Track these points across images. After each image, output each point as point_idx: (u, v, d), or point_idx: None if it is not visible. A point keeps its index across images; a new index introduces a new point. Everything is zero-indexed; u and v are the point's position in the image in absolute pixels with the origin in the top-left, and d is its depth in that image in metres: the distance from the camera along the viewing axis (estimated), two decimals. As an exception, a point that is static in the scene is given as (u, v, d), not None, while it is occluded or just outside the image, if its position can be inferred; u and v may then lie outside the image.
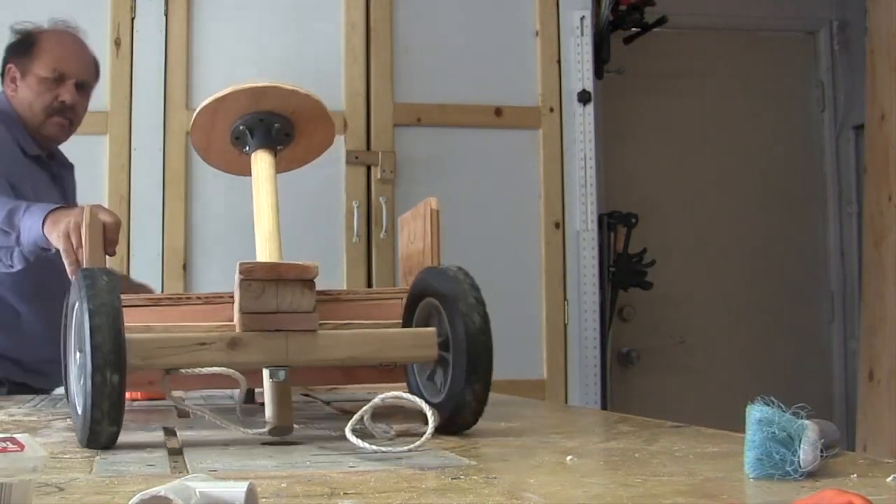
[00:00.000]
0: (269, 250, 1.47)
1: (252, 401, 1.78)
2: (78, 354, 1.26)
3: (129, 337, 1.23)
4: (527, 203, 3.40)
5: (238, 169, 1.62)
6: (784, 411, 0.94)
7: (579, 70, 3.44)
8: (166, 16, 3.20)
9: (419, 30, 3.38)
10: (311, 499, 0.87)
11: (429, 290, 1.43)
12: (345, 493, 0.90)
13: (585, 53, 3.45)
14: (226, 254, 3.07)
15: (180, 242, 3.14)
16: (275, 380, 1.31)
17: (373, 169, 3.29)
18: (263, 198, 1.50)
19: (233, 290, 1.37)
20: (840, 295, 4.25)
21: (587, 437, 1.40)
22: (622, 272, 3.67)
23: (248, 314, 1.30)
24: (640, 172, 4.13)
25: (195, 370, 1.28)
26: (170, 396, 1.37)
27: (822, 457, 0.94)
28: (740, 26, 4.29)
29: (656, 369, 4.10)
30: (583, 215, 3.41)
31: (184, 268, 3.14)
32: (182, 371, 1.29)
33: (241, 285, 1.31)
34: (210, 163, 1.70)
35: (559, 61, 3.43)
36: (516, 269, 3.38)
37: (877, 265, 3.56)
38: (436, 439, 1.29)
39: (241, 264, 1.31)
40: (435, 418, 1.21)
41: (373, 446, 1.15)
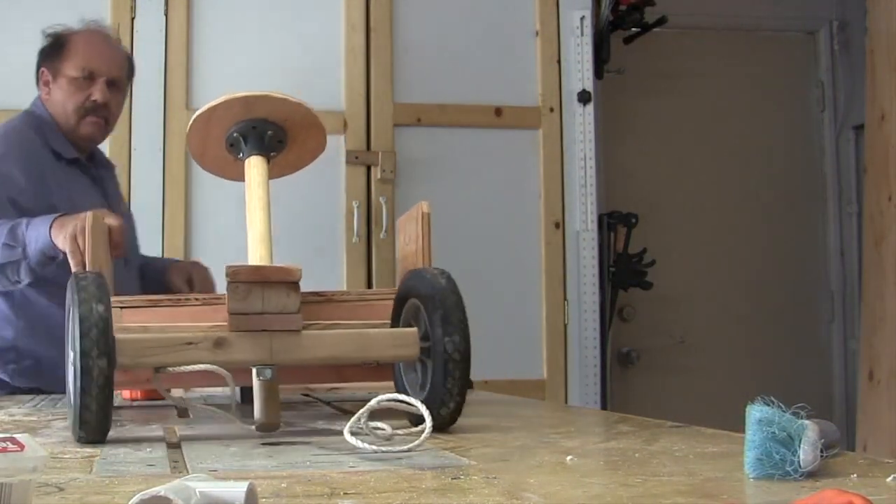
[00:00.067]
0: (260, 253, 1.51)
1: (251, 400, 1.79)
2: (72, 354, 1.30)
3: (119, 337, 1.30)
4: (527, 203, 3.40)
5: (233, 174, 1.65)
6: (784, 411, 0.94)
7: (579, 70, 3.44)
8: (166, 16, 3.20)
9: (419, 30, 3.38)
10: (311, 499, 0.87)
11: (412, 292, 1.47)
12: (345, 493, 0.90)
13: (585, 53, 3.45)
14: (225, 254, 3.05)
15: (180, 242, 3.14)
16: (262, 378, 1.35)
17: (373, 169, 3.29)
18: (255, 202, 1.54)
19: (232, 292, 1.42)
20: (840, 295, 4.25)
21: (587, 437, 1.40)
22: (622, 272, 3.67)
23: (235, 315, 1.36)
24: (640, 172, 4.13)
25: (182, 368, 1.33)
26: (165, 394, 1.45)
27: (822, 457, 0.94)
28: (740, 26, 4.29)
29: (656, 369, 4.09)
30: (583, 215, 3.41)
31: (184, 268, 3.14)
32: (170, 369, 1.34)
33: (229, 287, 1.36)
34: (206, 168, 1.74)
35: (559, 61, 3.43)
36: (516, 269, 3.38)
37: (877, 265, 3.56)
38: (435, 439, 1.29)
39: (228, 267, 1.37)
40: (431, 419, 1.22)
41: (372, 446, 1.15)
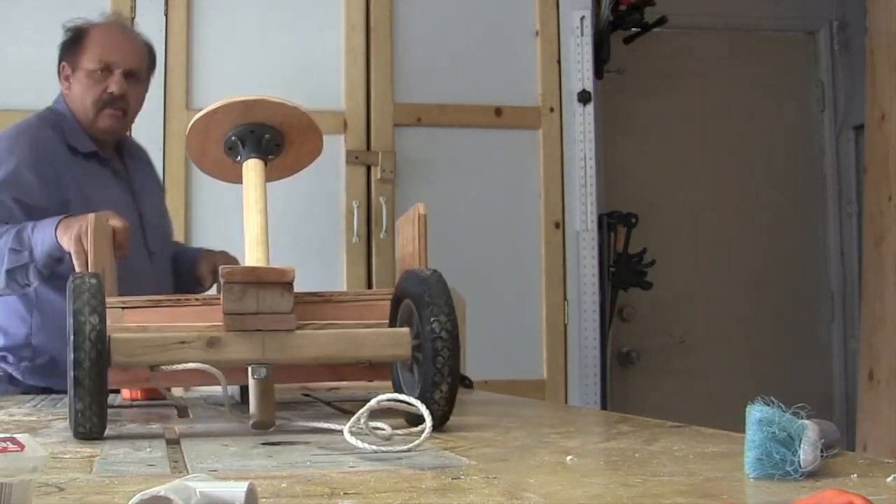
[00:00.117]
0: (257, 255, 1.52)
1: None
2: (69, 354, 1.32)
3: (114, 336, 1.33)
4: (527, 203, 3.40)
5: (231, 177, 1.67)
6: (784, 411, 0.94)
7: (579, 70, 3.44)
8: (166, 16, 3.20)
9: (419, 30, 3.38)
10: (311, 499, 0.87)
11: (406, 293, 1.48)
12: (345, 493, 0.90)
13: (585, 53, 3.45)
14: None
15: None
16: (256, 377, 1.36)
17: (373, 169, 3.29)
18: (252, 205, 1.56)
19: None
20: (840, 295, 4.25)
21: (587, 437, 1.40)
22: (622, 272, 3.67)
23: (230, 315, 1.37)
24: (640, 172, 4.13)
25: (175, 367, 1.35)
26: (166, 393, 1.49)
27: (822, 457, 0.94)
28: (740, 26, 4.29)
29: (656, 369, 4.09)
30: (583, 215, 3.41)
31: (184, 268, 3.14)
32: (164, 368, 1.36)
33: (224, 288, 1.38)
34: (205, 171, 1.76)
35: (559, 61, 3.43)
36: (516, 269, 3.38)
37: (877, 265, 3.56)
38: (435, 439, 1.29)
39: (223, 268, 1.39)
40: (431, 419, 1.23)
41: (372, 446, 1.15)
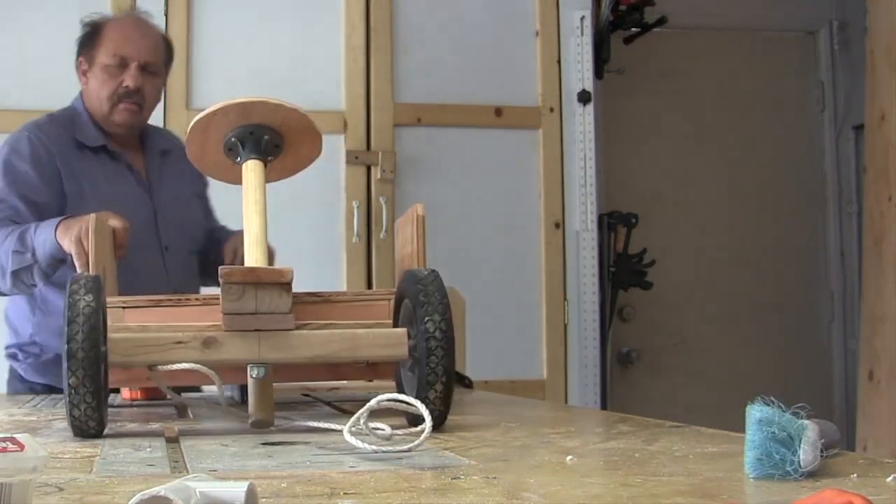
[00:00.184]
0: (255, 255, 1.52)
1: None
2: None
3: (112, 336, 1.35)
4: (527, 203, 3.40)
5: (231, 178, 1.67)
6: (784, 411, 0.94)
7: (579, 70, 3.44)
8: (166, 16, 3.20)
9: (419, 30, 3.38)
10: (311, 499, 0.87)
11: (405, 293, 1.49)
12: (345, 493, 0.90)
13: (585, 53, 3.45)
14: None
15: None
16: (254, 377, 1.36)
17: (373, 169, 3.29)
18: (251, 205, 1.56)
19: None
20: (840, 295, 4.25)
21: (587, 437, 1.40)
22: (622, 272, 3.67)
23: (229, 315, 1.38)
24: (640, 172, 4.13)
25: (171, 366, 1.36)
26: (167, 391, 1.49)
27: (822, 457, 0.94)
28: (740, 26, 4.29)
29: (656, 369, 4.09)
30: (583, 215, 3.41)
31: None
32: (160, 367, 1.38)
33: (223, 288, 1.38)
34: (205, 171, 1.77)
35: (559, 61, 3.43)
36: (516, 269, 3.38)
37: (877, 265, 3.56)
38: (435, 439, 1.29)
39: (222, 269, 1.39)
40: (432, 416, 1.23)
41: (372, 446, 1.15)
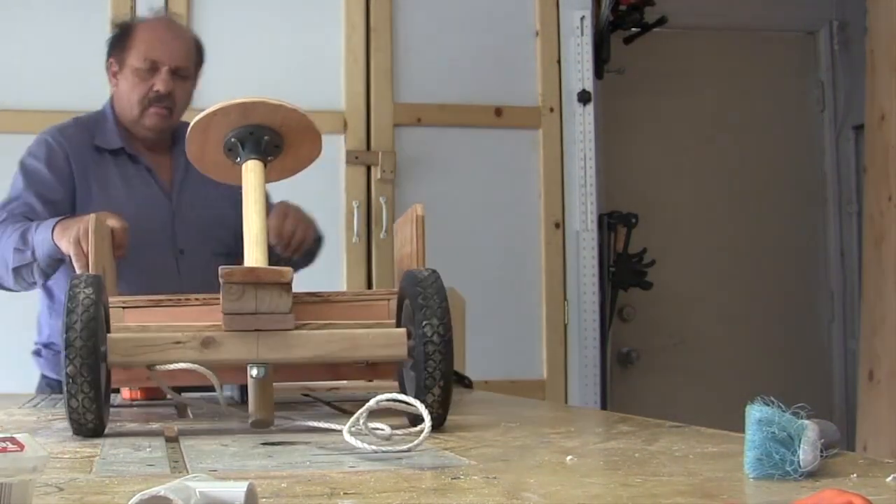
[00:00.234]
0: (255, 255, 1.52)
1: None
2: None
3: (110, 336, 1.36)
4: (527, 203, 3.40)
5: (231, 178, 1.67)
6: (784, 411, 0.94)
7: (579, 70, 3.44)
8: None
9: (419, 30, 3.38)
10: (311, 499, 0.87)
11: (405, 293, 1.48)
12: (345, 493, 0.90)
13: (585, 53, 3.45)
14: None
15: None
16: (254, 376, 1.36)
17: (373, 169, 3.29)
18: (251, 206, 1.56)
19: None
20: (840, 295, 4.25)
21: (587, 437, 1.40)
22: (622, 272, 3.67)
23: (229, 315, 1.38)
24: (640, 172, 4.13)
25: (169, 366, 1.37)
26: (167, 391, 1.49)
27: (822, 457, 0.94)
28: (740, 26, 4.29)
29: (656, 369, 4.09)
30: (583, 215, 3.41)
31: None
32: (159, 367, 1.38)
33: (223, 288, 1.38)
34: (205, 172, 1.76)
35: (559, 61, 3.43)
36: (516, 269, 3.38)
37: (877, 265, 3.56)
38: (435, 439, 1.29)
39: (222, 269, 1.39)
40: (431, 418, 1.22)
41: (372, 446, 1.15)
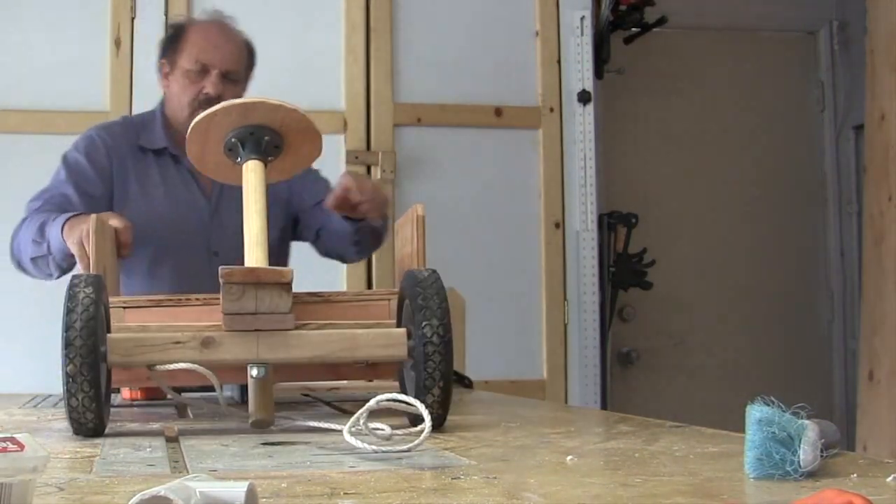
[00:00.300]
0: (256, 255, 1.52)
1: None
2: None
3: (111, 336, 1.37)
4: (527, 203, 3.40)
5: (231, 178, 1.68)
6: (784, 411, 0.94)
7: (579, 70, 3.44)
8: (166, 16, 3.19)
9: (419, 30, 3.38)
10: (311, 499, 0.87)
11: (406, 293, 1.48)
12: (345, 493, 0.90)
13: (585, 53, 3.45)
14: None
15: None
16: (254, 376, 1.36)
17: (373, 169, 3.29)
18: (252, 206, 1.56)
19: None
20: (840, 295, 4.25)
21: (587, 437, 1.40)
22: (622, 272, 3.67)
23: (229, 315, 1.38)
24: (640, 172, 4.13)
25: (169, 366, 1.37)
26: (167, 390, 1.49)
27: (822, 457, 0.94)
28: (740, 26, 4.28)
29: (656, 369, 4.09)
30: (583, 215, 3.41)
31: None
32: (158, 367, 1.38)
33: (223, 288, 1.38)
34: (205, 172, 1.76)
35: (559, 61, 3.43)
36: (516, 269, 3.37)
37: (877, 265, 3.56)
38: (435, 439, 1.29)
39: (222, 269, 1.39)
40: (430, 418, 1.23)
41: (372, 446, 1.15)
